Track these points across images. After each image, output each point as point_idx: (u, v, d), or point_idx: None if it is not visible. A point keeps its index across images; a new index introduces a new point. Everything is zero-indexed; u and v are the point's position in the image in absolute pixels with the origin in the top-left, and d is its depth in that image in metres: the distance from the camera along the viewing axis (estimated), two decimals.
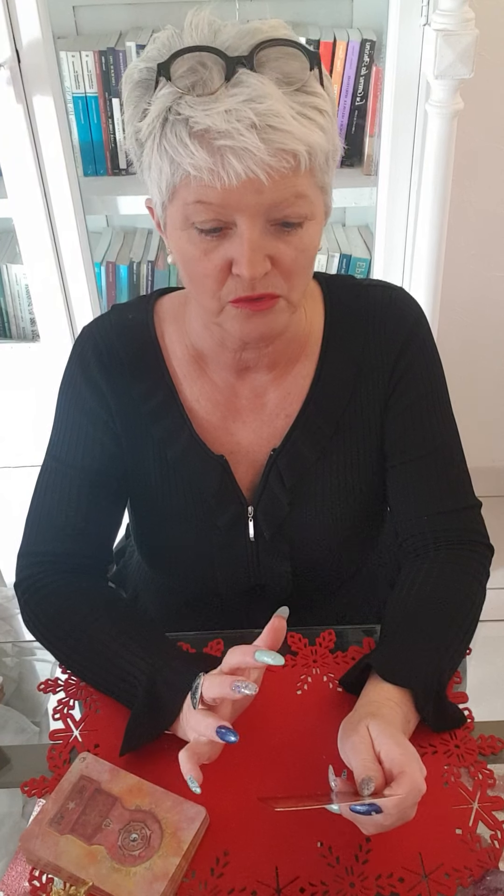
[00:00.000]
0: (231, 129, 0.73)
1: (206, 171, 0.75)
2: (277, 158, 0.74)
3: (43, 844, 0.78)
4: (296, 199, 0.78)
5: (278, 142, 0.74)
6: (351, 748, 0.78)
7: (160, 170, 0.79)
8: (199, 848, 0.79)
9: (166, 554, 1.07)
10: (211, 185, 0.75)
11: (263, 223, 0.78)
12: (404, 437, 1.00)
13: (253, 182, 0.75)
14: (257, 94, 0.73)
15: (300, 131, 0.75)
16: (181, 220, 0.81)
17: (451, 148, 1.49)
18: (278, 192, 0.76)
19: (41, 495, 1.02)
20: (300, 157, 0.75)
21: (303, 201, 0.79)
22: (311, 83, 0.77)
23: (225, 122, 0.73)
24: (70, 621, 0.95)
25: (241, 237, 0.78)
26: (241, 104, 0.73)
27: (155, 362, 0.99)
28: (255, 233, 0.78)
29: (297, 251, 0.81)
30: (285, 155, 0.75)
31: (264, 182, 0.75)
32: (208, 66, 0.75)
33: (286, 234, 0.80)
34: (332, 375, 0.99)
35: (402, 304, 1.01)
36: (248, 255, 0.78)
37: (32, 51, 1.43)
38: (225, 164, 0.74)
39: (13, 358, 1.82)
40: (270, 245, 0.80)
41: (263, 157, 0.73)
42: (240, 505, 1.01)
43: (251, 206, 0.77)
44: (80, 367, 0.99)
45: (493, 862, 0.77)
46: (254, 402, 1.00)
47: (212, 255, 0.81)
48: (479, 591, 0.98)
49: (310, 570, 1.05)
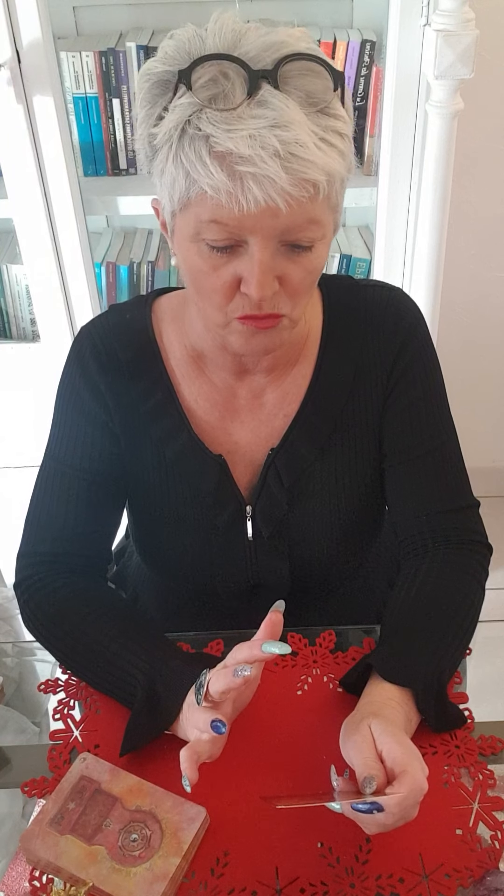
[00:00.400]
0: (254, 156, 0.71)
1: (224, 194, 0.74)
2: (298, 188, 0.73)
3: (43, 845, 0.78)
4: (309, 224, 0.78)
5: (300, 171, 0.73)
6: (353, 747, 0.78)
7: (173, 179, 0.77)
8: (200, 848, 0.79)
9: (165, 554, 1.07)
10: (228, 207, 0.74)
11: (276, 245, 0.78)
12: (402, 437, 1.00)
13: (270, 209, 0.74)
14: (283, 121, 0.72)
15: (322, 160, 0.74)
16: (192, 233, 0.80)
17: (451, 148, 1.49)
18: (294, 217, 0.76)
19: (40, 496, 1.02)
20: (320, 186, 0.75)
21: (316, 226, 0.79)
22: (333, 104, 0.76)
23: (248, 147, 0.71)
24: (69, 622, 0.95)
25: (251, 257, 0.78)
26: (266, 130, 0.71)
27: (153, 362, 0.99)
28: (267, 254, 0.78)
29: (306, 272, 0.82)
30: (306, 184, 0.74)
31: (283, 210, 0.74)
32: (230, 78, 0.74)
33: (296, 255, 0.80)
34: (331, 375, 0.99)
35: (401, 304, 1.01)
36: (257, 276, 0.78)
37: (33, 51, 1.43)
38: (245, 189, 0.73)
39: (13, 358, 1.82)
40: (280, 266, 0.80)
41: (284, 185, 0.72)
42: (238, 504, 1.01)
43: (265, 229, 0.76)
44: (79, 368, 0.99)
45: (493, 862, 0.77)
46: (252, 403, 1.00)
47: (221, 272, 0.80)
48: (479, 590, 0.98)
49: (308, 568, 1.05)
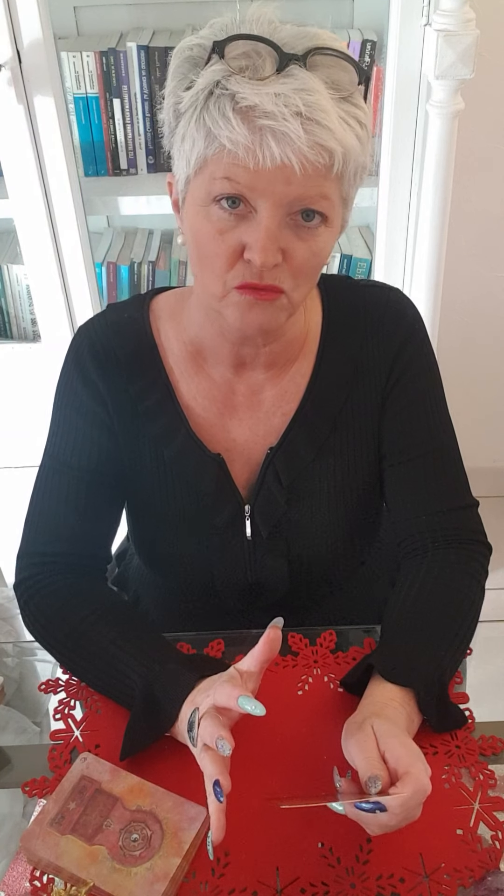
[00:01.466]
0: (276, 112, 0.73)
1: (241, 147, 0.75)
2: (315, 151, 0.75)
3: (44, 845, 0.78)
4: (319, 198, 0.79)
5: (319, 135, 0.75)
6: (356, 747, 0.78)
7: (193, 141, 0.79)
8: (200, 848, 0.79)
9: (164, 553, 1.07)
10: (244, 163, 0.76)
11: (284, 215, 0.79)
12: (401, 437, 1.00)
13: (285, 169, 0.75)
14: (307, 87, 0.74)
15: (341, 132, 0.76)
16: (203, 195, 0.81)
17: (451, 148, 1.49)
18: (306, 187, 0.77)
19: (39, 495, 1.02)
20: (336, 156, 0.76)
21: (325, 203, 0.80)
22: (356, 96, 0.79)
23: (273, 103, 0.74)
24: (68, 623, 0.95)
25: (259, 224, 0.79)
26: (292, 91, 0.74)
27: (151, 360, 0.99)
28: (275, 222, 0.78)
29: (310, 252, 0.82)
30: (322, 151, 0.76)
31: (297, 171, 0.75)
32: (262, 56, 0.76)
33: (303, 231, 0.81)
34: (330, 374, 0.99)
35: (399, 304, 1.01)
36: (262, 242, 0.78)
37: (33, 51, 1.43)
38: (263, 144, 0.75)
39: (14, 358, 1.82)
40: (286, 238, 0.80)
41: (302, 146, 0.74)
42: (237, 504, 1.01)
43: (277, 194, 0.77)
44: (77, 367, 0.99)
45: (493, 862, 0.77)
46: (250, 400, 1.00)
47: (226, 236, 0.81)
48: (478, 590, 0.98)
49: (307, 567, 1.05)
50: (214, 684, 0.79)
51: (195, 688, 0.84)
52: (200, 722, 0.76)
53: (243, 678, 0.77)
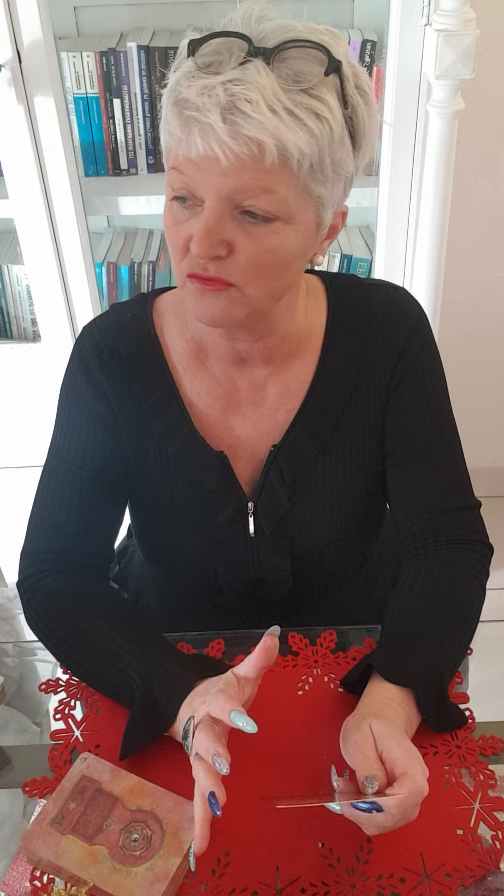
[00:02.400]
0: (200, 104, 0.74)
1: (175, 139, 0.78)
2: (238, 142, 0.74)
3: (44, 845, 0.78)
4: (261, 191, 0.77)
5: (241, 126, 0.74)
6: (353, 747, 0.78)
7: (163, 140, 0.82)
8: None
9: (167, 550, 1.07)
10: (181, 154, 0.78)
11: (228, 208, 0.79)
12: (405, 436, 1.00)
13: (214, 161, 0.76)
14: (241, 78, 0.74)
15: (273, 124, 0.74)
16: (168, 188, 0.83)
17: (451, 148, 1.49)
18: (241, 178, 0.76)
19: (43, 494, 1.02)
20: (266, 148, 0.75)
21: (270, 197, 0.78)
22: (320, 88, 0.77)
23: (198, 96, 0.75)
24: (70, 621, 0.95)
25: (201, 215, 0.79)
26: (219, 83, 0.74)
27: (154, 358, 0.99)
28: (215, 215, 0.78)
29: (262, 248, 0.81)
30: (248, 142, 0.74)
31: (222, 162, 0.75)
32: (232, 52, 0.77)
33: (251, 227, 0.80)
34: (334, 372, 0.99)
35: (405, 303, 1.01)
36: (200, 234, 0.79)
37: (33, 51, 1.43)
38: (190, 135, 0.76)
39: (14, 358, 1.82)
40: (230, 232, 0.80)
41: (223, 137, 0.74)
42: (240, 501, 1.01)
43: (214, 185, 0.77)
44: (81, 367, 0.99)
45: (494, 862, 0.77)
46: (253, 396, 1.00)
47: (180, 227, 0.82)
48: (479, 590, 0.98)
49: (309, 565, 1.05)
50: (211, 690, 0.78)
51: (194, 688, 0.84)
52: (195, 732, 0.76)
53: (241, 683, 0.77)
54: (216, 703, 0.75)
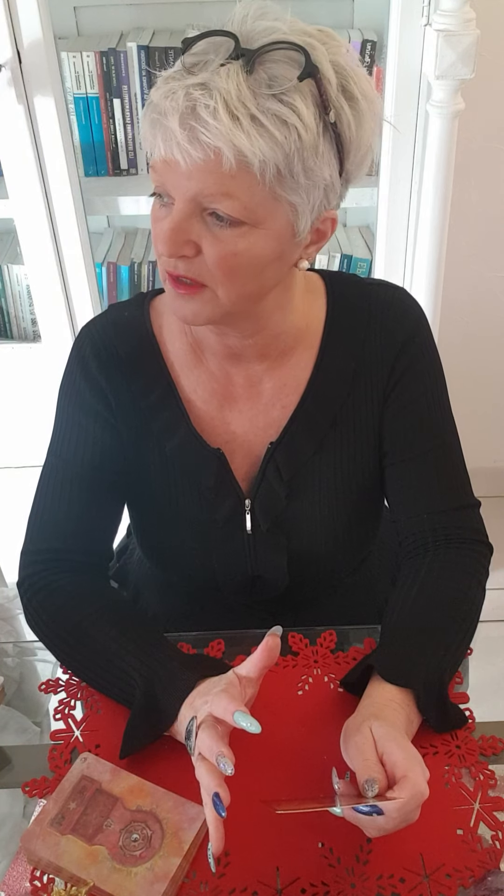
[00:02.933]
0: (164, 108, 0.75)
1: (146, 141, 0.80)
2: (195, 148, 0.75)
3: (44, 845, 0.78)
4: (223, 197, 0.77)
5: (199, 131, 0.74)
6: (354, 749, 0.78)
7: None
8: (201, 848, 0.79)
9: (166, 548, 1.07)
10: (150, 153, 0.80)
11: (194, 209, 0.79)
12: (403, 436, 1.00)
13: (174, 163, 0.77)
14: (207, 84, 0.74)
15: (230, 130, 0.73)
16: (152, 186, 0.84)
17: (451, 148, 1.49)
18: (203, 182, 0.77)
19: (43, 493, 1.02)
20: (222, 154, 0.75)
21: (232, 202, 0.78)
22: (291, 93, 0.75)
23: (162, 99, 0.76)
24: (70, 621, 0.95)
25: (170, 215, 0.81)
26: (182, 88, 0.75)
27: (152, 357, 0.99)
28: (181, 215, 0.80)
29: (227, 251, 0.81)
30: (205, 147, 0.75)
31: (182, 166, 0.76)
32: (218, 53, 0.77)
33: (218, 229, 0.80)
34: (331, 369, 0.99)
35: (404, 303, 1.01)
36: (165, 233, 0.80)
37: (33, 51, 1.43)
38: (155, 138, 0.78)
39: (14, 358, 1.82)
40: (196, 232, 0.80)
41: (181, 141, 0.75)
42: (237, 498, 1.01)
43: (181, 187, 0.79)
44: (80, 366, 1.00)
45: (494, 862, 0.77)
46: (249, 391, 1.00)
47: (158, 224, 0.83)
48: (479, 590, 0.98)
49: (307, 563, 1.05)
50: (213, 689, 0.78)
51: (195, 688, 0.84)
52: (198, 732, 0.76)
53: (242, 683, 0.77)
54: (219, 703, 0.75)
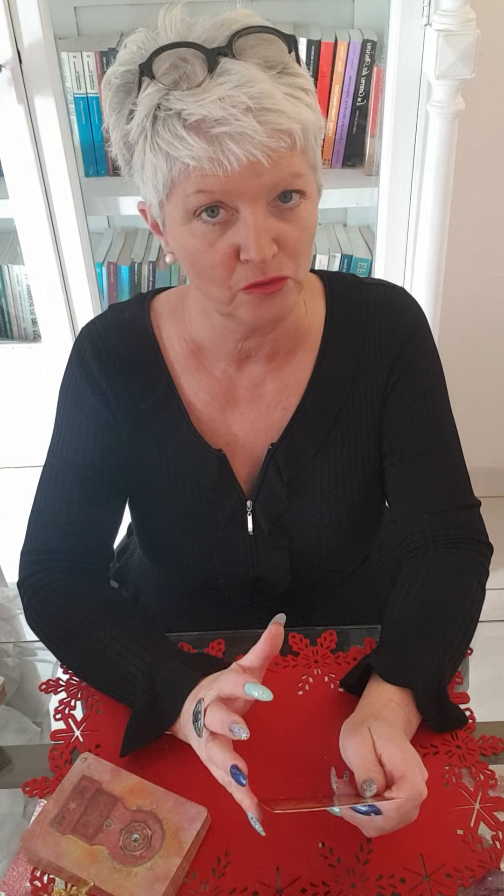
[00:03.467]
0: (228, 116, 0.74)
1: (206, 161, 0.75)
2: (275, 139, 0.75)
3: (44, 845, 0.78)
4: (293, 178, 0.79)
5: (274, 122, 0.75)
6: (352, 749, 0.78)
7: (155, 168, 0.79)
8: (201, 848, 0.79)
9: (166, 549, 1.07)
10: (212, 173, 0.76)
11: (265, 206, 0.79)
12: (403, 435, 1.00)
13: (253, 165, 0.76)
14: (246, 79, 0.74)
15: (293, 111, 0.76)
16: (182, 214, 0.81)
17: (452, 148, 1.49)
18: (277, 173, 0.77)
19: (43, 493, 1.02)
20: (296, 135, 0.77)
21: (299, 180, 0.80)
22: (291, 65, 0.78)
23: (220, 109, 0.74)
24: (71, 621, 0.95)
25: (245, 222, 0.79)
26: (234, 90, 0.74)
27: (153, 358, 0.99)
28: (259, 216, 0.79)
29: (300, 230, 0.82)
30: (282, 135, 0.76)
31: (265, 164, 0.75)
32: (189, 61, 0.76)
33: (287, 214, 0.81)
34: (331, 370, 0.99)
35: (403, 303, 1.01)
36: (255, 239, 0.79)
37: (33, 51, 1.43)
38: (225, 150, 0.75)
39: (14, 358, 1.82)
40: (275, 227, 0.80)
41: (262, 139, 0.74)
42: (238, 499, 1.01)
43: (252, 189, 0.77)
44: (80, 367, 1.00)
45: (494, 862, 0.77)
46: (251, 393, 1.00)
47: (217, 245, 0.81)
48: (479, 590, 0.98)
49: (308, 564, 1.05)
50: (217, 679, 0.79)
51: (198, 685, 0.84)
52: (206, 711, 0.76)
53: (246, 672, 0.78)
54: (227, 679, 0.76)
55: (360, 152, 1.72)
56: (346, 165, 1.73)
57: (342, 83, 1.63)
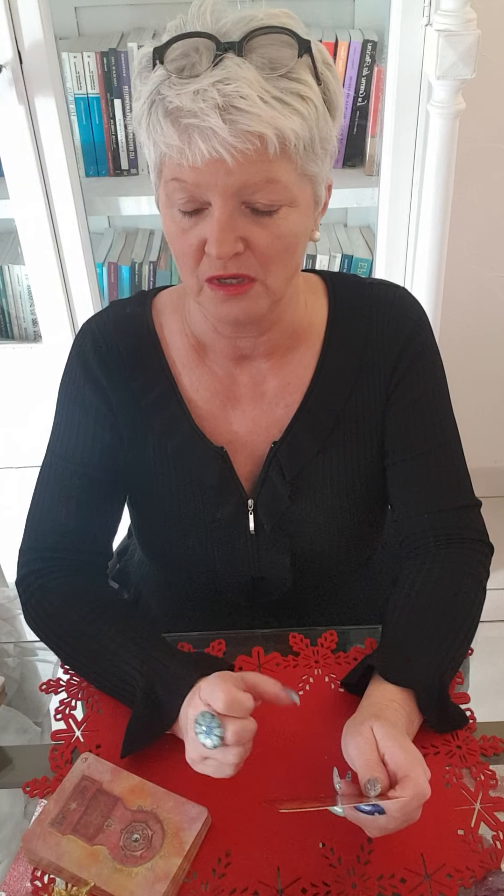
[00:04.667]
0: (196, 109, 0.74)
1: (175, 150, 0.77)
2: (241, 140, 0.75)
3: (45, 845, 0.78)
4: (266, 183, 0.78)
5: (243, 123, 0.74)
6: (355, 749, 0.77)
7: (149, 151, 0.82)
8: (201, 848, 0.79)
9: (167, 548, 1.07)
10: (181, 163, 0.77)
11: (236, 204, 0.79)
12: (405, 435, 1.00)
13: (219, 162, 0.76)
14: (228, 77, 0.74)
15: (269, 114, 0.75)
16: (165, 199, 0.83)
17: (452, 148, 1.49)
18: (247, 174, 0.77)
19: (42, 491, 1.02)
20: (268, 140, 0.76)
21: (275, 187, 0.79)
22: (297, 70, 0.77)
23: (192, 101, 0.74)
24: (69, 620, 0.95)
25: (212, 216, 0.80)
26: (210, 85, 0.74)
27: (154, 355, 0.99)
28: (226, 213, 0.79)
29: (273, 237, 0.82)
30: (250, 137, 0.75)
31: (228, 162, 0.75)
32: (200, 51, 0.77)
33: (260, 218, 0.81)
34: (334, 368, 0.99)
35: (405, 303, 1.01)
36: (216, 235, 0.79)
37: (34, 52, 1.43)
38: (192, 143, 0.76)
39: (15, 358, 1.82)
40: (243, 227, 0.80)
41: (226, 137, 0.74)
42: (240, 498, 1.01)
43: (221, 186, 0.78)
44: (80, 363, 0.99)
45: (494, 862, 0.77)
46: (253, 390, 1.00)
47: (188, 234, 0.82)
48: (480, 590, 0.98)
49: (310, 563, 1.05)
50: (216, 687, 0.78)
51: (195, 685, 0.84)
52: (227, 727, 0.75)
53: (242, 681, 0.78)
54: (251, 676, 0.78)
55: (360, 152, 1.72)
56: (346, 165, 1.73)
57: (343, 83, 1.63)
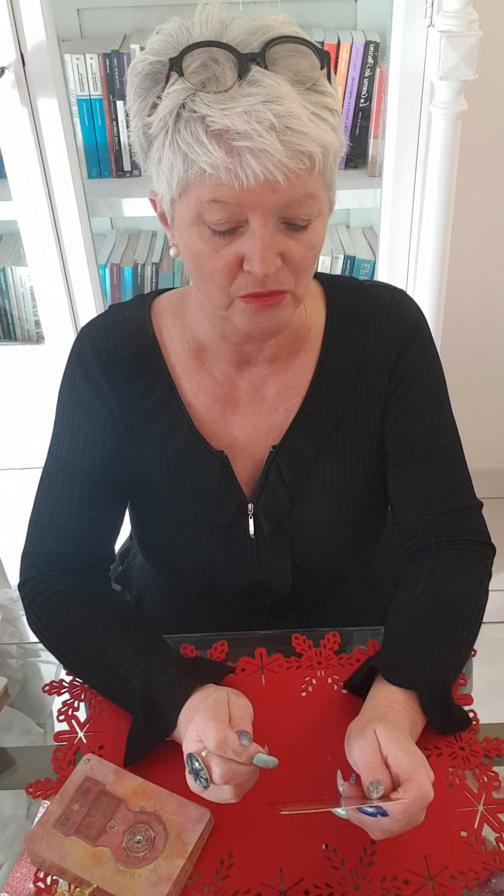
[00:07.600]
0: (251, 131, 0.73)
1: (223, 171, 0.75)
2: (295, 160, 0.75)
3: (47, 846, 0.78)
4: (306, 199, 0.79)
5: (297, 143, 0.74)
6: (358, 752, 0.77)
7: (171, 165, 0.79)
8: (204, 850, 0.79)
9: (167, 552, 1.07)
10: (228, 184, 0.76)
11: (276, 221, 0.79)
12: (405, 437, 1.00)
13: (269, 182, 0.75)
14: (275, 96, 0.74)
15: (316, 133, 0.75)
16: (192, 216, 0.81)
17: (455, 149, 1.49)
18: (292, 192, 0.77)
19: (43, 496, 1.02)
20: (315, 158, 0.76)
21: (313, 201, 0.80)
22: (321, 82, 0.78)
23: (245, 122, 0.73)
24: (70, 625, 0.95)
25: (253, 235, 0.79)
26: (261, 105, 0.73)
27: (153, 359, 0.99)
28: (269, 231, 0.79)
29: (306, 248, 0.82)
30: (302, 156, 0.75)
31: (281, 183, 0.75)
32: (220, 63, 0.76)
33: (295, 232, 0.81)
34: (333, 372, 0.99)
35: (403, 305, 1.01)
36: (261, 253, 0.79)
37: (37, 53, 1.43)
38: (243, 164, 0.74)
39: (18, 360, 1.82)
40: (281, 242, 0.80)
41: (282, 158, 0.74)
42: (240, 502, 1.01)
43: (265, 204, 0.77)
44: (80, 367, 0.99)
45: (498, 864, 0.77)
46: (253, 395, 1.00)
47: (222, 252, 0.81)
48: (482, 591, 0.97)
49: (310, 566, 1.05)
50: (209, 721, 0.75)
51: (192, 695, 0.84)
52: (210, 767, 0.74)
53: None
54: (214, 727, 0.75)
55: (363, 153, 1.72)
56: (349, 167, 1.73)
57: (345, 84, 1.63)
